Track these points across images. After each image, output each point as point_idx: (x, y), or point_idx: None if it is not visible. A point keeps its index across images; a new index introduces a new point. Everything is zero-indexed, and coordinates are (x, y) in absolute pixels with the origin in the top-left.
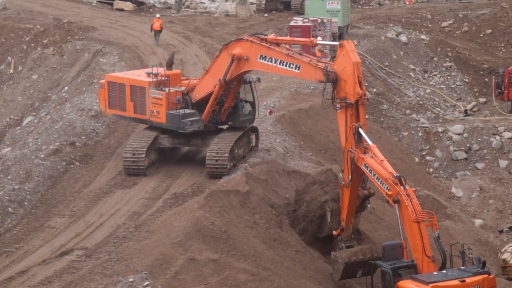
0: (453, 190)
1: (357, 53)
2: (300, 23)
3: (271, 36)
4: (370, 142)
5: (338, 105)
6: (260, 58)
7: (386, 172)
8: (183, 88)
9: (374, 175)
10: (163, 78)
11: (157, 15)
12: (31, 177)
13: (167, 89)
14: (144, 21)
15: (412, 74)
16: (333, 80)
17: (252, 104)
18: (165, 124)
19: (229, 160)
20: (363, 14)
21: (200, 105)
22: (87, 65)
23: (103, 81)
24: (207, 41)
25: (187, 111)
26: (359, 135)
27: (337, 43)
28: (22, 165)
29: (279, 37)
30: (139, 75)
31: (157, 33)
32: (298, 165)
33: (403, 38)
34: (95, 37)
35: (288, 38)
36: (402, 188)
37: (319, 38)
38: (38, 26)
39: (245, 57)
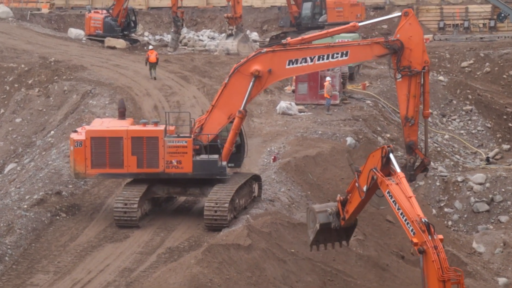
0: (474, 245)
1: None
2: None
3: (293, 39)
4: (398, 170)
5: (399, 75)
6: (289, 64)
7: (414, 213)
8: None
9: (398, 209)
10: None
11: (150, 47)
12: (12, 230)
13: (192, 135)
14: (138, 59)
15: (429, 118)
16: (398, 48)
17: (240, 144)
18: (192, 173)
19: (230, 211)
20: None
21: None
22: (75, 107)
23: (80, 138)
24: (206, 82)
25: (216, 155)
26: (388, 159)
27: (399, 14)
28: (3, 217)
29: (305, 36)
30: (127, 126)
31: (154, 65)
32: (304, 217)
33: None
34: (84, 77)
35: (324, 31)
36: (429, 238)
37: (328, 78)
38: (22, 65)
39: (270, 70)
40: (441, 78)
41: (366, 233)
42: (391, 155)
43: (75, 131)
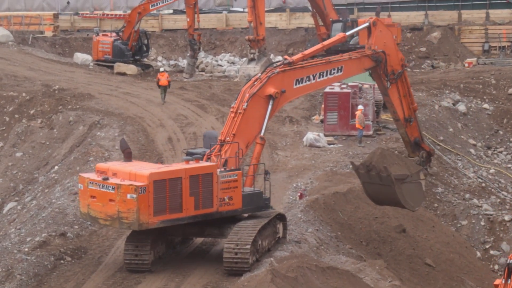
0: None
1: None
2: (337, 89)
3: (296, 56)
4: None
5: (388, 83)
6: (296, 84)
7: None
8: None
9: None
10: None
11: (161, 69)
12: (12, 276)
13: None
14: (150, 87)
15: (472, 150)
16: (383, 58)
17: None
18: (241, 209)
19: (252, 253)
20: (413, 79)
21: None
22: (81, 139)
23: (141, 184)
24: (225, 111)
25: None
26: None
27: (367, 24)
28: (2, 261)
29: (306, 51)
30: (184, 164)
31: (165, 89)
32: (334, 260)
33: (461, 107)
34: (91, 107)
35: (320, 45)
36: (503, 281)
37: (360, 107)
38: (24, 94)
39: (284, 91)
40: (486, 106)
41: (403, 278)
42: None
43: (99, 181)
